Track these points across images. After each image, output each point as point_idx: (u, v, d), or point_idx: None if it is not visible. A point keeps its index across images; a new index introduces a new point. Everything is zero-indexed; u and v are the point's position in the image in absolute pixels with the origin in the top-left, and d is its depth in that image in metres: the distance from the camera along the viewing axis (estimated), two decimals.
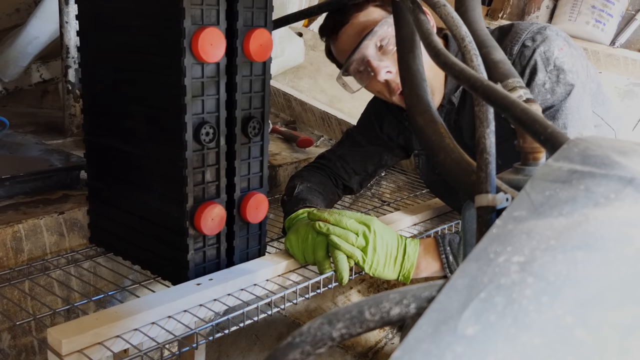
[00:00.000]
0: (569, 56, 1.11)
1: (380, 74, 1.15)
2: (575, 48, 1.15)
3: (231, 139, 1.04)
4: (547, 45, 1.10)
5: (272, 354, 0.37)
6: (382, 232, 1.06)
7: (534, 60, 1.09)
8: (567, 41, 1.13)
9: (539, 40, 1.10)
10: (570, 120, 1.08)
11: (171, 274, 1.08)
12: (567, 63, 1.10)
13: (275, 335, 1.78)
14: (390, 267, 1.07)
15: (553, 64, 1.09)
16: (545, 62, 1.09)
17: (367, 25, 1.14)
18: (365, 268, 1.06)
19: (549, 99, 1.09)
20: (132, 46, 1.04)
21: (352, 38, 1.16)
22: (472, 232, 0.59)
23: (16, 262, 1.14)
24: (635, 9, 2.62)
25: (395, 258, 1.07)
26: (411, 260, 1.08)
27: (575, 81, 1.09)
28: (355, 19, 1.16)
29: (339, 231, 1.05)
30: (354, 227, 1.05)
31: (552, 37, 1.11)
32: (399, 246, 1.08)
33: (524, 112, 0.52)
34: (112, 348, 0.86)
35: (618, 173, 0.38)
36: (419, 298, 0.37)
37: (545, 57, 1.09)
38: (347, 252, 1.04)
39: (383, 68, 1.14)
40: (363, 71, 1.19)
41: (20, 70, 2.26)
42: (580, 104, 1.10)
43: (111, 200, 1.16)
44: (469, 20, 0.76)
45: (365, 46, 1.14)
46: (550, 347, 0.28)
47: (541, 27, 1.12)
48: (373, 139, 1.42)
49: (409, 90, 0.76)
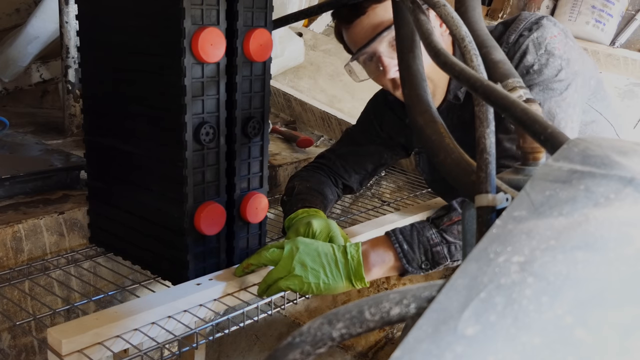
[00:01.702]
0: (563, 44, 1.11)
1: (390, 72, 1.15)
2: (573, 41, 1.15)
3: (231, 139, 1.04)
4: (540, 32, 1.11)
5: (272, 354, 0.37)
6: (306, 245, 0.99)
7: (525, 45, 1.11)
8: (564, 32, 1.14)
9: (534, 29, 1.12)
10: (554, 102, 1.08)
11: (171, 274, 1.08)
12: (558, 49, 1.10)
13: (275, 335, 1.78)
14: (334, 273, 0.98)
15: (544, 48, 1.10)
16: (536, 46, 1.10)
17: (384, 21, 1.12)
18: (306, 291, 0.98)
19: (536, 78, 1.09)
20: (132, 46, 1.04)
21: (367, 31, 1.15)
22: (472, 232, 0.59)
23: (16, 262, 1.14)
24: (635, 9, 2.62)
25: (335, 262, 0.98)
26: (356, 258, 0.99)
27: (565, 67, 1.09)
28: (372, 10, 1.14)
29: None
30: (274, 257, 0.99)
31: (548, 25, 1.12)
32: (336, 251, 1.00)
33: (524, 112, 0.52)
34: (112, 348, 0.86)
35: (618, 173, 0.38)
36: (419, 298, 0.37)
37: (538, 42, 1.10)
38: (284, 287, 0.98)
39: (393, 66, 1.14)
40: (372, 64, 1.19)
41: (20, 70, 2.26)
42: (568, 90, 1.09)
43: (111, 200, 1.16)
44: (469, 20, 0.76)
45: (379, 42, 1.14)
46: (550, 347, 0.28)
47: (539, 18, 1.14)
48: (373, 137, 1.42)
49: (409, 90, 0.76)
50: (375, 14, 1.14)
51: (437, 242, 1.03)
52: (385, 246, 1.03)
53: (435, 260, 1.03)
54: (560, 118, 1.08)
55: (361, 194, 1.71)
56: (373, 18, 1.14)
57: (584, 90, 1.16)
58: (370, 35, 1.14)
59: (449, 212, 1.05)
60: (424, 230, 1.03)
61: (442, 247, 1.02)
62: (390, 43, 1.14)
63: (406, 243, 1.02)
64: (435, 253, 1.02)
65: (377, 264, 1.01)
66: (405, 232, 1.04)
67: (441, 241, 1.03)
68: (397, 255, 1.02)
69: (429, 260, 1.03)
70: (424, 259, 1.02)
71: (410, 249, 1.02)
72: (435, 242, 1.03)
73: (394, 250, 1.02)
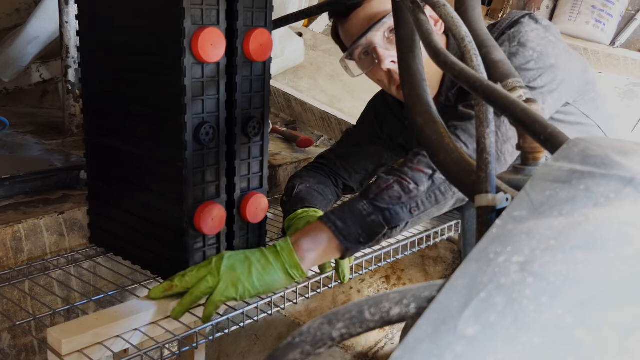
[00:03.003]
0: (539, 38, 1.10)
1: (385, 62, 1.15)
2: (556, 38, 1.14)
3: (231, 139, 1.04)
4: (518, 27, 1.11)
5: (272, 354, 0.37)
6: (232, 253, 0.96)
7: (501, 41, 1.11)
8: (545, 28, 1.13)
9: (513, 26, 1.12)
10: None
11: (171, 274, 1.08)
12: (531, 42, 1.09)
13: (275, 335, 1.78)
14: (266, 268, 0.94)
15: (517, 41, 1.10)
16: (510, 39, 1.10)
17: (379, 12, 1.14)
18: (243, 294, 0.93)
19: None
20: (132, 46, 1.04)
21: (362, 22, 1.16)
22: (472, 232, 0.59)
23: (16, 262, 1.14)
24: (635, 9, 2.62)
25: (265, 258, 0.95)
26: (287, 249, 0.96)
27: (536, 58, 1.08)
28: (368, 3, 1.15)
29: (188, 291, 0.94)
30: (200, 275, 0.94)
31: (527, 22, 1.12)
32: (264, 250, 0.97)
33: (524, 112, 0.52)
34: (112, 348, 0.86)
35: (618, 173, 0.38)
36: (419, 298, 0.37)
37: (513, 36, 1.10)
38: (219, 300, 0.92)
39: (388, 57, 1.15)
40: (368, 57, 1.19)
41: (20, 70, 2.26)
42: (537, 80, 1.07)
43: (111, 200, 1.16)
44: (469, 20, 0.76)
45: (374, 33, 1.14)
46: (550, 347, 0.28)
47: (523, 16, 1.13)
48: (373, 138, 1.42)
49: (409, 90, 0.76)
50: (370, 6, 1.15)
51: (370, 211, 0.99)
52: (318, 229, 0.99)
53: (372, 231, 0.99)
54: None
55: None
56: (369, 10, 1.15)
57: (565, 86, 1.13)
58: (366, 27, 1.14)
59: (376, 181, 1.02)
60: (354, 204, 1.00)
61: (376, 216, 0.99)
62: (385, 34, 1.14)
63: (339, 220, 0.99)
64: (370, 223, 0.99)
65: (310, 249, 0.97)
66: (337, 211, 1.01)
67: (374, 210, 0.99)
68: (332, 234, 0.98)
69: (366, 232, 0.99)
70: (361, 231, 0.99)
71: (344, 225, 0.99)
72: (368, 211, 0.99)
73: (327, 230, 0.98)
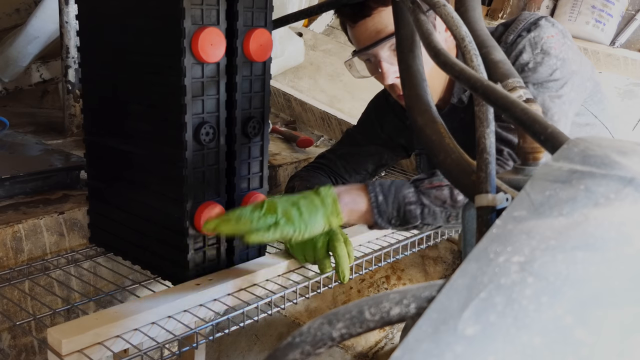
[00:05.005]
0: (559, 44, 1.12)
1: (388, 79, 1.15)
2: (571, 41, 1.16)
3: (231, 139, 1.04)
4: (537, 32, 1.12)
5: (272, 354, 0.37)
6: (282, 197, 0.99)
7: (522, 45, 1.11)
8: (562, 33, 1.14)
9: (532, 29, 1.13)
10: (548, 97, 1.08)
11: (171, 274, 1.08)
12: (554, 49, 1.10)
13: (275, 335, 1.78)
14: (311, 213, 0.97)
15: (540, 47, 1.11)
16: (532, 46, 1.11)
17: (387, 26, 1.11)
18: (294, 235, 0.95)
19: (530, 76, 1.09)
20: (132, 46, 1.04)
21: (371, 33, 1.14)
22: (472, 232, 0.59)
23: (16, 262, 1.14)
24: (635, 9, 2.62)
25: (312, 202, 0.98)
26: (331, 196, 0.99)
27: (560, 66, 1.10)
28: (378, 14, 1.13)
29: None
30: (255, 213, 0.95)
31: (546, 26, 1.13)
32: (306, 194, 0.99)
33: (524, 112, 0.52)
34: (112, 348, 0.86)
35: (618, 173, 0.38)
36: (419, 298, 0.37)
37: (534, 42, 1.11)
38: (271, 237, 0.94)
39: (392, 73, 1.14)
40: (372, 65, 1.19)
41: (20, 70, 2.26)
42: (563, 88, 1.10)
43: (111, 200, 1.16)
44: (469, 20, 0.76)
45: (381, 48, 1.13)
46: (550, 347, 0.28)
47: (538, 18, 1.14)
48: (374, 138, 1.42)
49: (409, 90, 0.76)
50: (380, 17, 1.13)
51: (413, 201, 1.01)
52: (361, 192, 1.02)
53: (405, 219, 1.02)
54: (553, 112, 1.08)
55: None
56: (378, 21, 1.13)
57: (581, 90, 1.16)
58: (374, 39, 1.14)
59: (432, 177, 1.04)
60: (403, 188, 1.03)
61: (416, 207, 1.01)
62: (392, 49, 1.13)
63: (382, 195, 1.01)
64: (408, 212, 1.01)
65: (349, 205, 1.00)
66: (384, 185, 1.03)
67: (417, 201, 1.01)
68: (370, 204, 1.01)
69: (400, 217, 1.02)
70: (396, 214, 1.01)
71: (385, 201, 1.01)
72: (411, 200, 1.01)
73: (368, 198, 1.01)
